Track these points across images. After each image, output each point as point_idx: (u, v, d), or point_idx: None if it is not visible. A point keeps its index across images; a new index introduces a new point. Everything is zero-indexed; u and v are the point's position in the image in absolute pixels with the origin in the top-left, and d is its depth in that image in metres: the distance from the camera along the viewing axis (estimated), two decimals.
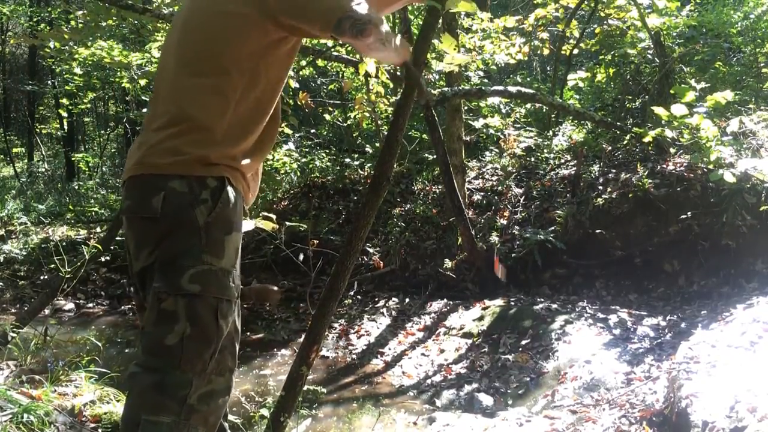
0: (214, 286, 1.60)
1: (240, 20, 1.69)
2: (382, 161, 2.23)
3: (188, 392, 1.57)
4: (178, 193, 1.59)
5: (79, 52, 7.17)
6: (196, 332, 1.58)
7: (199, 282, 1.58)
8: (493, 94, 5.43)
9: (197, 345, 1.59)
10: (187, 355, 1.57)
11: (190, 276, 1.58)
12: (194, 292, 1.57)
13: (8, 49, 15.53)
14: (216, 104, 1.67)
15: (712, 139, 4.23)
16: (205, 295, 1.59)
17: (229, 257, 1.65)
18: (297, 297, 5.76)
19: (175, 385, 1.57)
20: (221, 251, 1.62)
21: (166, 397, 1.55)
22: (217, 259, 1.61)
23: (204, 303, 1.59)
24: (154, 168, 1.62)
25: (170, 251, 1.59)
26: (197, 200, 1.60)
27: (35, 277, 6.78)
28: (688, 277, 4.65)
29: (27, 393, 2.49)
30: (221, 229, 1.63)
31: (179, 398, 1.56)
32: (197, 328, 1.58)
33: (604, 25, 6.65)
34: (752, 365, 2.57)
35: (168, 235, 1.59)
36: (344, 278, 2.22)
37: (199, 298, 1.58)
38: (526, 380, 3.73)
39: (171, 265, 1.59)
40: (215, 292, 1.61)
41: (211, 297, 1.60)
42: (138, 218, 1.64)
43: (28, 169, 14.59)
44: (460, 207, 5.08)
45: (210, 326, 1.60)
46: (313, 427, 3.30)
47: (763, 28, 6.46)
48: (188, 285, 1.57)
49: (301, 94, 4.89)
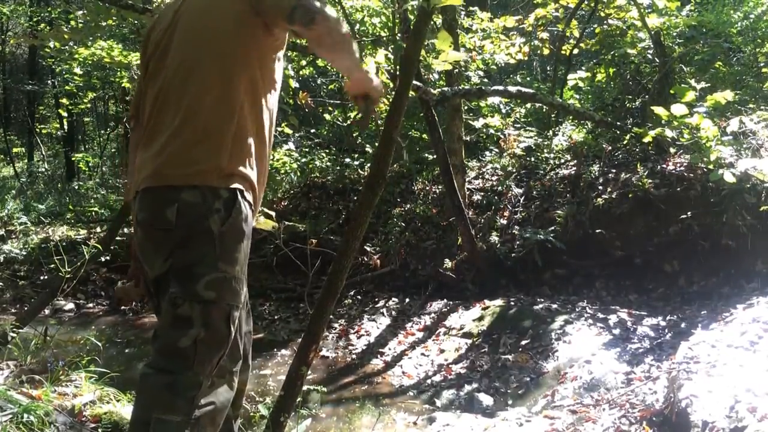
0: (228, 292, 1.64)
1: (239, 20, 1.70)
2: (378, 160, 2.23)
3: (197, 393, 1.62)
4: (192, 204, 1.62)
5: (79, 52, 7.17)
6: (209, 336, 1.62)
7: (214, 289, 1.62)
8: (493, 94, 5.43)
9: (210, 348, 1.63)
10: (200, 357, 1.61)
11: (206, 283, 1.61)
12: (210, 299, 1.61)
13: (8, 49, 15.53)
14: (224, 111, 1.68)
15: (712, 139, 4.23)
16: (220, 302, 1.63)
17: (241, 265, 1.69)
18: (297, 297, 5.76)
19: (186, 385, 1.61)
20: (234, 259, 1.66)
21: (177, 397, 1.59)
22: (231, 267, 1.65)
23: (218, 309, 1.63)
24: (167, 179, 1.64)
25: (186, 259, 1.62)
26: (211, 210, 1.62)
27: (35, 277, 6.78)
28: (688, 277, 4.65)
29: (27, 393, 2.49)
30: (234, 238, 1.66)
31: (189, 398, 1.60)
32: (210, 332, 1.62)
33: (604, 25, 6.64)
34: (752, 365, 2.57)
35: (183, 244, 1.62)
36: (342, 277, 2.22)
37: (214, 305, 1.62)
38: (526, 380, 3.73)
39: (187, 272, 1.62)
40: (229, 299, 1.65)
41: (225, 303, 1.64)
42: (153, 229, 1.67)
43: (28, 169, 14.58)
44: (460, 207, 5.08)
45: (222, 331, 1.64)
46: (313, 427, 3.30)
47: (763, 28, 6.45)
48: (204, 292, 1.61)
49: (301, 94, 4.89)
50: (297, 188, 7.35)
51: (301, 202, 7.00)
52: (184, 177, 1.62)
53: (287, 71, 5.41)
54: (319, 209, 6.81)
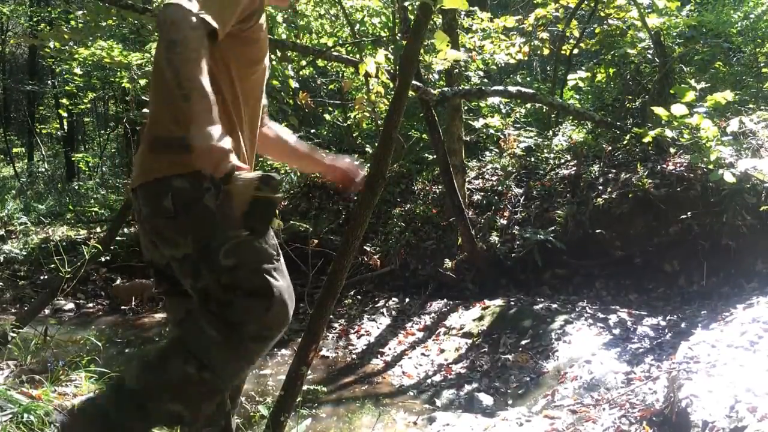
0: (248, 254, 1.67)
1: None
2: (378, 159, 2.23)
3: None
4: (183, 190, 1.67)
5: (79, 52, 7.16)
6: (251, 299, 1.66)
7: (234, 256, 1.65)
8: (493, 94, 5.43)
9: (256, 306, 1.67)
10: (256, 316, 1.66)
11: (224, 252, 1.65)
12: (232, 265, 1.65)
13: (8, 49, 15.54)
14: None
15: (712, 139, 4.23)
16: (243, 266, 1.66)
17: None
18: (297, 297, 5.75)
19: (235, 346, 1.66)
20: (239, 223, 1.68)
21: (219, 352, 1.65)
22: (240, 231, 1.67)
23: (245, 271, 1.66)
24: (156, 173, 1.69)
25: (200, 239, 1.67)
26: (202, 190, 1.67)
27: (35, 277, 6.79)
28: (688, 277, 4.65)
29: (27, 393, 2.49)
30: (232, 207, 1.67)
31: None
32: (249, 294, 1.66)
33: (604, 25, 6.64)
34: (752, 365, 2.57)
35: (191, 230, 1.67)
36: (341, 277, 2.22)
37: (238, 270, 1.65)
38: (526, 380, 3.73)
39: (206, 250, 1.66)
40: (252, 259, 1.67)
41: (250, 264, 1.67)
42: (157, 220, 1.72)
43: (28, 169, 14.60)
44: (460, 207, 5.08)
45: (256, 283, 1.67)
46: (313, 427, 3.30)
47: (763, 28, 6.45)
48: (224, 261, 1.65)
49: (301, 94, 4.89)
50: (297, 188, 7.35)
51: (301, 202, 7.00)
52: (168, 168, 1.68)
53: (287, 72, 5.42)
54: (319, 209, 6.82)
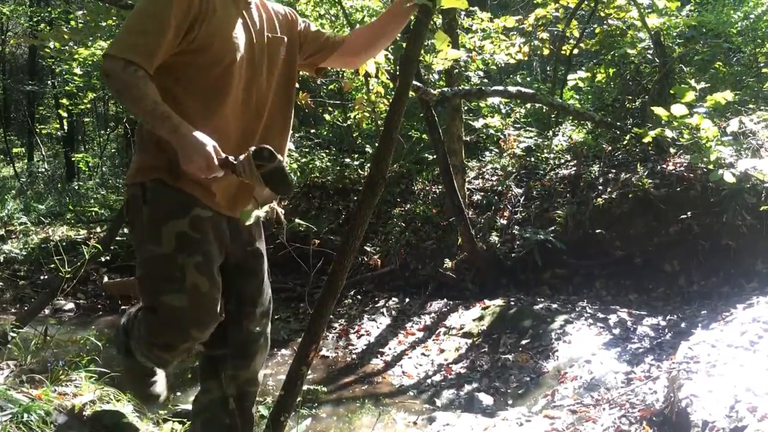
0: (153, 269, 1.88)
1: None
2: (378, 159, 2.22)
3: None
4: (133, 197, 1.91)
5: (79, 52, 7.17)
6: (144, 310, 1.96)
7: (142, 267, 1.90)
8: (493, 94, 5.43)
9: (147, 316, 1.95)
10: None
11: (138, 263, 1.92)
12: (140, 276, 1.91)
13: (8, 49, 15.53)
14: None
15: (712, 139, 4.23)
16: (145, 279, 1.91)
17: (169, 244, 1.85)
18: (297, 297, 5.76)
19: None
20: (158, 238, 1.86)
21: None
22: (157, 246, 1.86)
23: (143, 284, 1.93)
24: (127, 179, 1.96)
25: (136, 247, 1.96)
26: (141, 201, 1.88)
27: (35, 277, 6.78)
28: (688, 277, 4.65)
29: (27, 393, 2.49)
30: (156, 221, 1.87)
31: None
32: (144, 305, 1.97)
33: (604, 25, 6.64)
34: (752, 365, 2.57)
35: (131, 231, 1.98)
36: (342, 277, 2.22)
37: (142, 280, 1.92)
38: (526, 380, 3.73)
39: (137, 257, 1.94)
40: (154, 274, 1.87)
41: (149, 279, 1.89)
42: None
43: (28, 169, 14.60)
44: (460, 207, 5.08)
45: (152, 302, 1.91)
46: (313, 426, 3.30)
47: (763, 28, 6.45)
48: (137, 270, 1.92)
49: (301, 94, 4.89)
50: (297, 188, 7.35)
51: (301, 202, 7.00)
52: (130, 177, 1.94)
53: None
54: (319, 209, 6.81)
